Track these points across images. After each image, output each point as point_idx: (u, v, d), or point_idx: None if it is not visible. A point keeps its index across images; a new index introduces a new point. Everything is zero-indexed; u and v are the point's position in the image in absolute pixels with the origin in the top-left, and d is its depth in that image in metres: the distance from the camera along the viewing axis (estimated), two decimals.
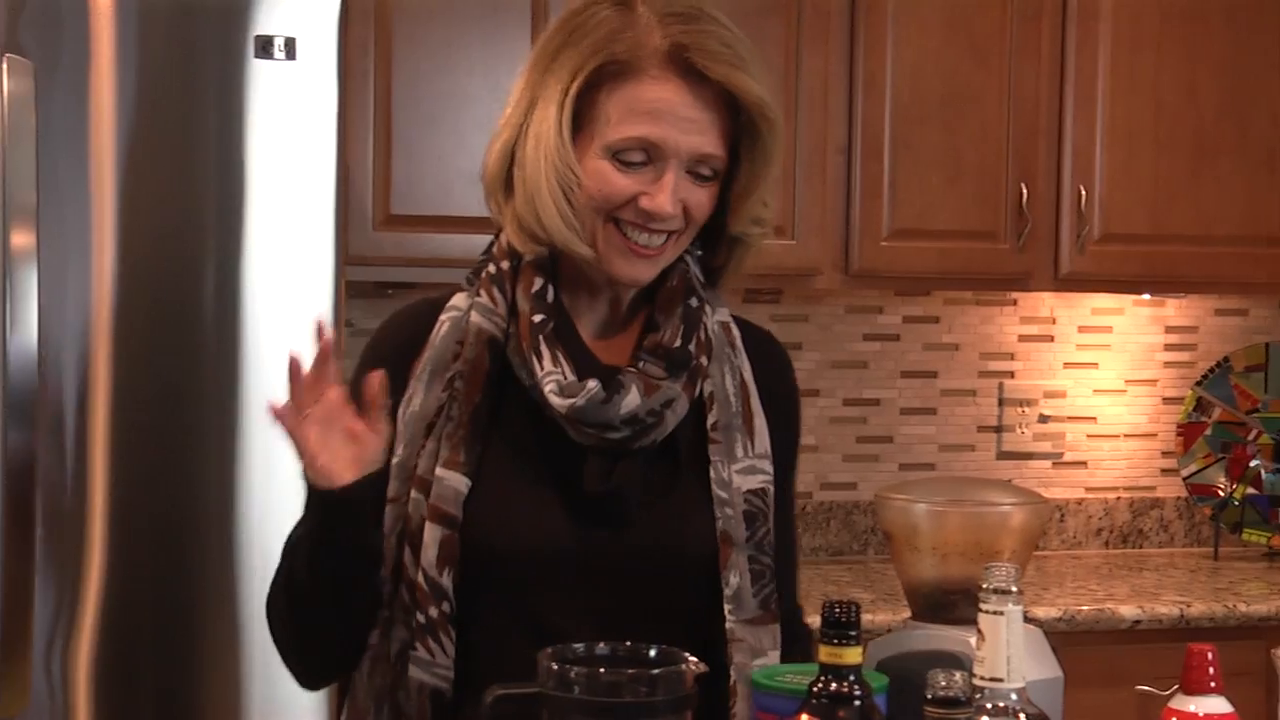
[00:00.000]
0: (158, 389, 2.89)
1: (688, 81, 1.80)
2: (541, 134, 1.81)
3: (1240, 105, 3.92)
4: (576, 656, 1.61)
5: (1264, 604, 3.62)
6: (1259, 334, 4.37)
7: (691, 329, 1.88)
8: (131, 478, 2.87)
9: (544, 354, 1.82)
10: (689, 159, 1.81)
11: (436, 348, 1.87)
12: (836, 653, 1.48)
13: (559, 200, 1.81)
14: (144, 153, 2.86)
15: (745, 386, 1.93)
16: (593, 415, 1.80)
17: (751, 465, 1.90)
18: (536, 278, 1.85)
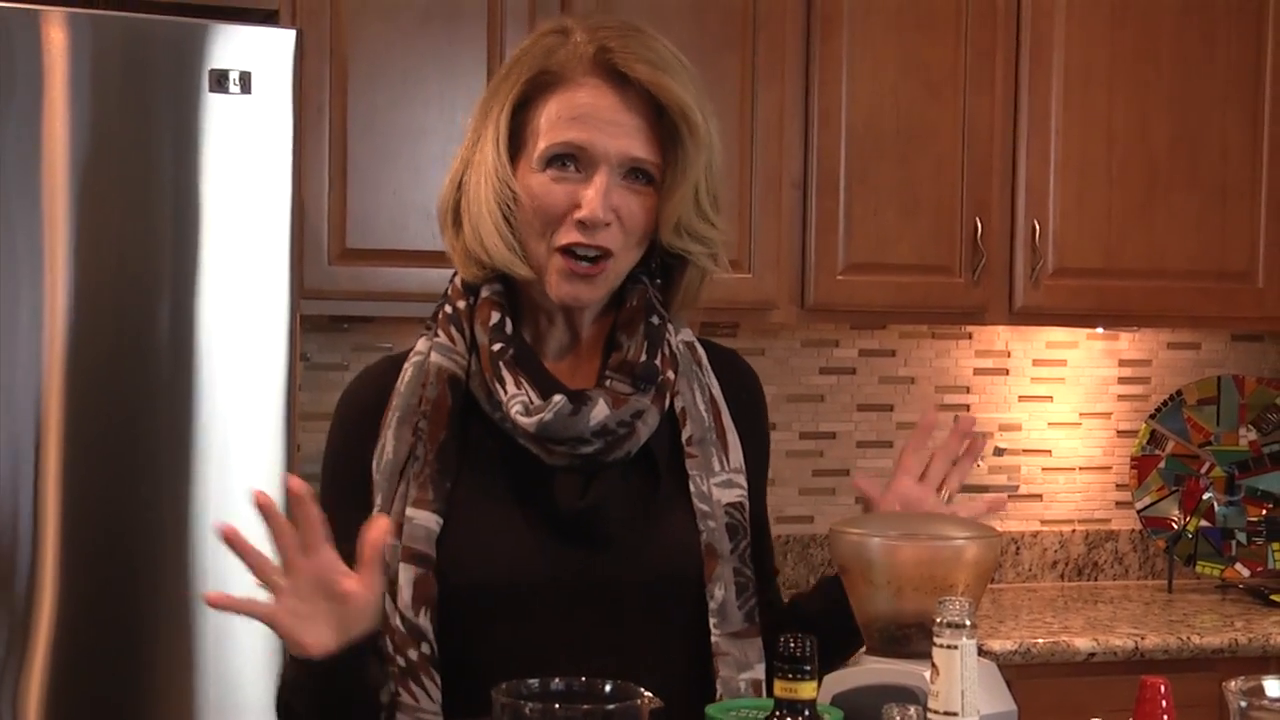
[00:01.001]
0: (111, 422, 2.87)
1: (613, 85, 1.82)
2: (484, 161, 1.83)
3: (1191, 140, 3.95)
4: (531, 692, 1.60)
5: (1217, 636, 3.63)
6: (1211, 367, 4.39)
7: (655, 345, 1.88)
8: (84, 509, 2.85)
9: (506, 379, 1.82)
10: (619, 163, 1.81)
11: (402, 395, 1.87)
12: (792, 687, 1.48)
13: (498, 220, 1.82)
14: (98, 186, 2.85)
15: (715, 403, 1.94)
16: (562, 430, 1.80)
17: (729, 479, 1.92)
18: (493, 312, 1.86)
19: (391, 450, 1.84)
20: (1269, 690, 1.38)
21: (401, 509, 1.82)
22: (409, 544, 1.80)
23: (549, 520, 1.83)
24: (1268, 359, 4.44)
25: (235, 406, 2.92)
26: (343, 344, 3.79)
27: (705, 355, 1.98)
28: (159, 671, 2.90)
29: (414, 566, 1.80)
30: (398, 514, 1.81)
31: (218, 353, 2.91)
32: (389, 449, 1.84)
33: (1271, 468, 4.22)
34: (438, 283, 3.42)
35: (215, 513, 2.89)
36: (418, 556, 1.80)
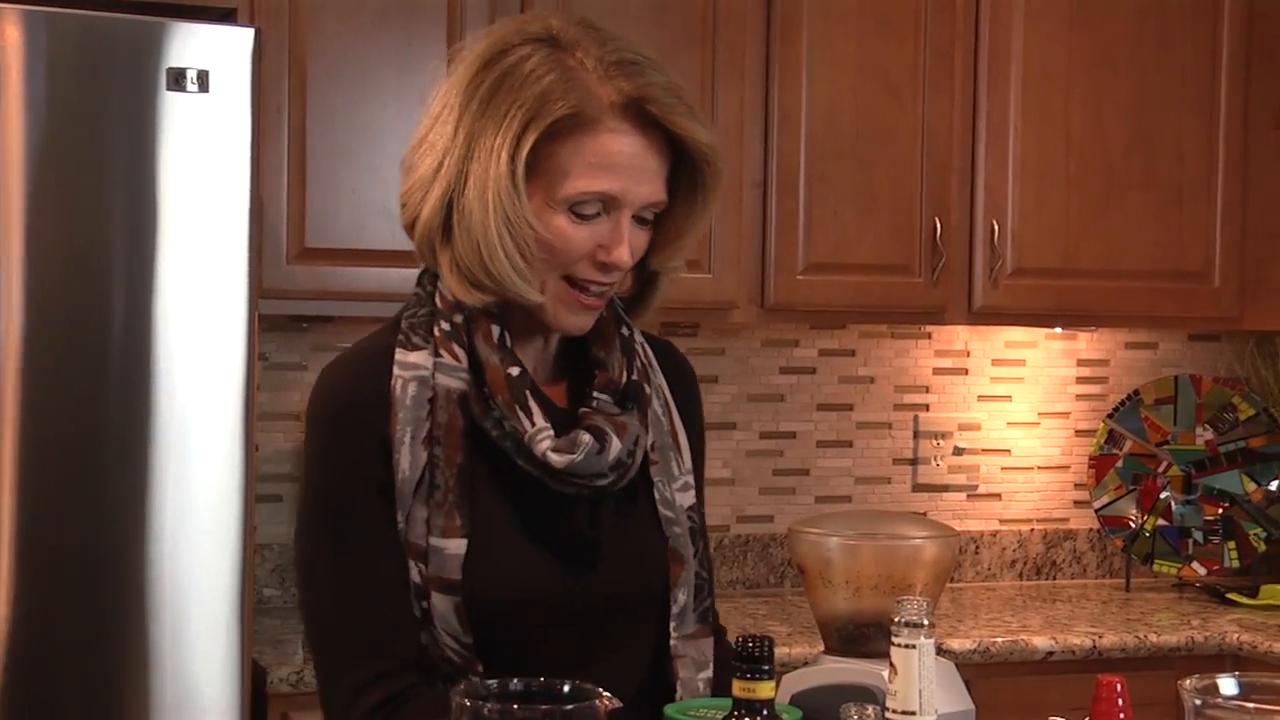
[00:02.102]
0: (68, 423, 2.85)
1: (641, 129, 1.81)
2: (488, 184, 1.78)
3: (1148, 142, 3.97)
4: (490, 692, 1.60)
5: (1174, 634, 3.65)
6: (1168, 367, 4.41)
7: (631, 359, 1.91)
8: (40, 509, 2.83)
9: (532, 410, 1.82)
10: (640, 207, 1.83)
11: (409, 409, 1.83)
12: (750, 687, 1.48)
13: (511, 254, 1.79)
14: (53, 185, 2.83)
15: (669, 405, 1.96)
16: (589, 468, 1.82)
17: (685, 482, 1.94)
18: (492, 325, 1.85)
19: (408, 469, 1.82)
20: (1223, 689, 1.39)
21: (422, 533, 1.80)
22: (443, 574, 1.80)
23: (551, 541, 1.85)
24: (1224, 359, 4.46)
25: (193, 407, 2.90)
26: (301, 344, 3.78)
27: (652, 353, 1.99)
28: (115, 671, 2.88)
29: (448, 596, 1.80)
30: (419, 537, 1.81)
31: (176, 353, 2.89)
32: (405, 467, 1.82)
33: (1228, 467, 4.24)
34: (397, 282, 3.43)
35: (173, 513, 2.87)
36: (451, 585, 1.80)
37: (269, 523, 3.72)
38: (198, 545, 2.90)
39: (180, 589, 2.89)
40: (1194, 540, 4.22)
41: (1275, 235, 4.04)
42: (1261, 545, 4.19)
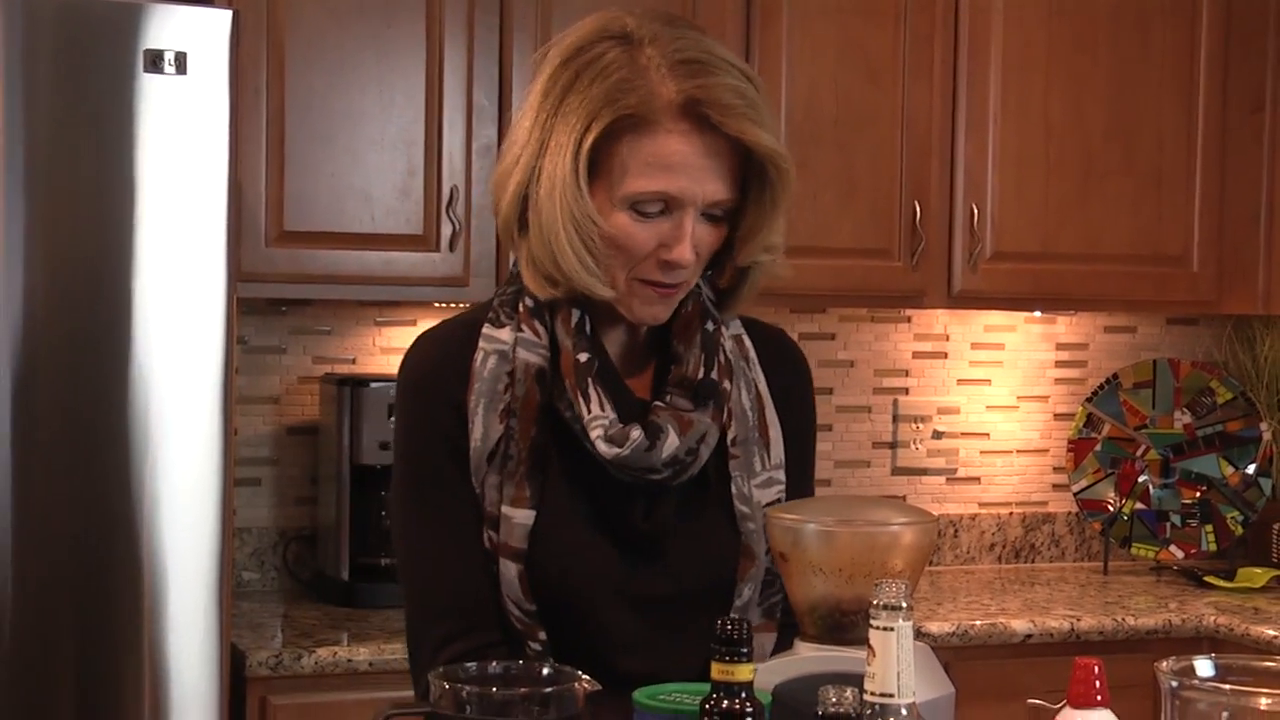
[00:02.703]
0: (48, 406, 2.85)
1: (702, 133, 1.81)
2: (556, 181, 1.81)
3: (1127, 128, 3.97)
4: (469, 675, 1.60)
5: (1151, 617, 3.66)
6: (1147, 351, 4.42)
7: (712, 355, 1.91)
8: (19, 491, 2.83)
9: (592, 398, 1.85)
10: (703, 205, 1.83)
11: (486, 380, 1.87)
12: (728, 670, 1.47)
13: (578, 250, 1.81)
14: (31, 167, 2.82)
15: (760, 399, 1.96)
16: (637, 462, 1.84)
17: (769, 478, 1.94)
18: (573, 310, 1.87)
19: (480, 438, 1.86)
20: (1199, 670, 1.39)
21: (495, 500, 1.85)
22: (510, 541, 1.85)
23: (611, 528, 1.88)
24: (1202, 343, 4.47)
25: (172, 390, 2.90)
26: (280, 327, 3.77)
27: (752, 346, 2.00)
28: (97, 654, 2.88)
29: (515, 563, 1.84)
30: (491, 504, 1.85)
31: (154, 337, 2.89)
32: (478, 435, 1.86)
33: (1205, 451, 4.25)
34: (376, 265, 3.44)
35: (153, 494, 2.87)
36: (518, 553, 1.85)
37: (248, 506, 3.71)
38: (177, 529, 2.90)
39: (160, 573, 2.89)
40: (1172, 524, 4.23)
41: (1253, 220, 4.04)
42: (1239, 529, 4.21)
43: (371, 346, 3.82)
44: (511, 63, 3.50)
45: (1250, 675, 1.39)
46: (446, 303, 3.61)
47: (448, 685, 1.56)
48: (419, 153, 3.45)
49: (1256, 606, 3.80)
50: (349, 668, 3.13)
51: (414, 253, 3.45)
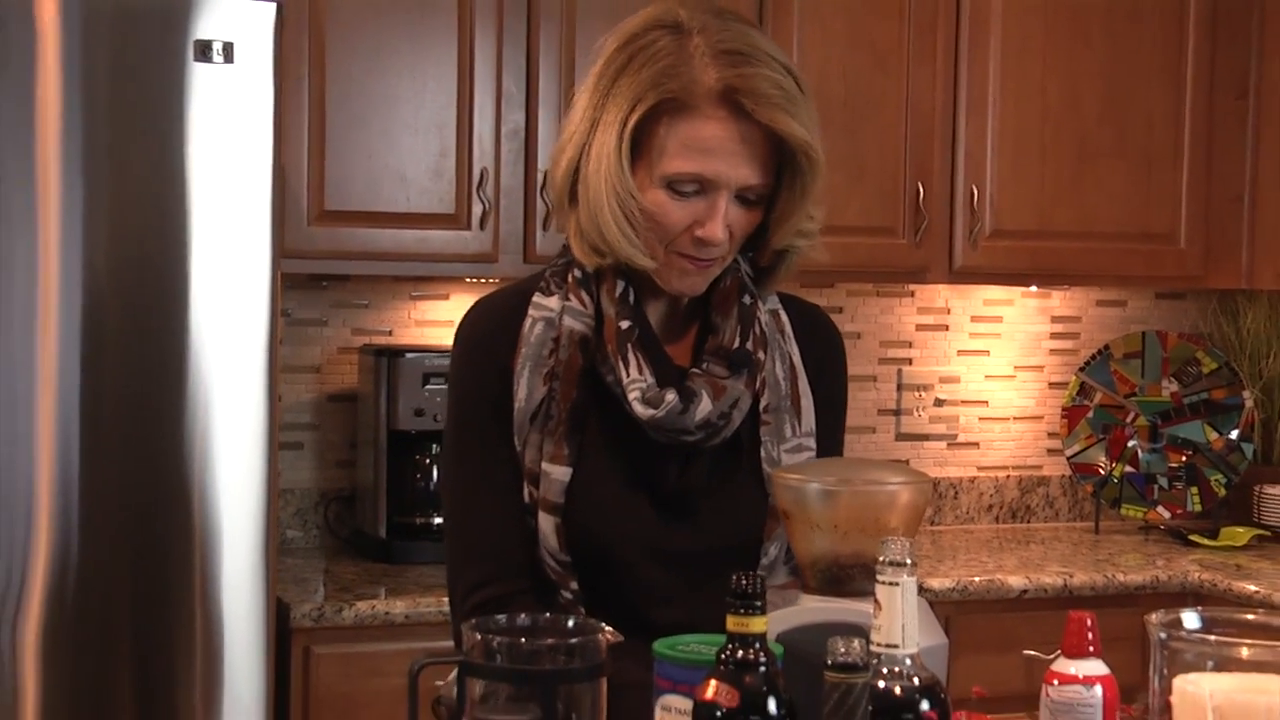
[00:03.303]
0: (104, 375, 2.85)
1: (738, 120, 1.82)
2: (603, 157, 1.83)
3: (1119, 112, 3.96)
4: (499, 627, 1.60)
5: (1140, 574, 3.66)
6: (1136, 323, 4.41)
7: (747, 327, 1.92)
8: (78, 456, 2.84)
9: (630, 362, 1.86)
10: (737, 189, 1.84)
11: (532, 345, 1.90)
12: (743, 622, 1.48)
13: (620, 222, 1.83)
14: (88, 153, 2.82)
15: (794, 370, 1.97)
16: (671, 424, 1.85)
17: (799, 444, 1.95)
18: (618, 281, 1.89)
19: (524, 399, 1.88)
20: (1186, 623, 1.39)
21: (535, 458, 1.88)
22: (548, 496, 1.87)
23: (646, 486, 1.90)
24: (1189, 315, 4.46)
25: (221, 360, 2.91)
26: (321, 301, 3.78)
27: (788, 321, 2.00)
28: (152, 606, 2.89)
29: (552, 516, 1.87)
30: (532, 462, 1.88)
31: (205, 310, 2.89)
32: (521, 396, 1.88)
33: (1191, 417, 4.24)
34: (410, 242, 3.45)
35: (204, 457, 2.88)
36: (555, 507, 1.87)
37: (291, 469, 3.72)
38: (226, 490, 2.91)
39: (211, 531, 2.90)
40: (1159, 486, 4.22)
41: (1237, 200, 4.03)
42: (1222, 490, 4.20)
43: (407, 319, 3.82)
44: (538, 51, 3.49)
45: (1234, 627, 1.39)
46: (477, 278, 3.61)
47: (479, 636, 1.56)
48: (451, 136, 3.45)
49: (1239, 563, 3.80)
50: (386, 620, 3.14)
51: (446, 231, 3.46)
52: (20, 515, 2.80)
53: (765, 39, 1.88)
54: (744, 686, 1.46)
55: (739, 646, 1.48)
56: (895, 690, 1.46)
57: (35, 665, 2.83)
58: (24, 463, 2.80)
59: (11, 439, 2.79)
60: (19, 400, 2.80)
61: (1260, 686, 1.33)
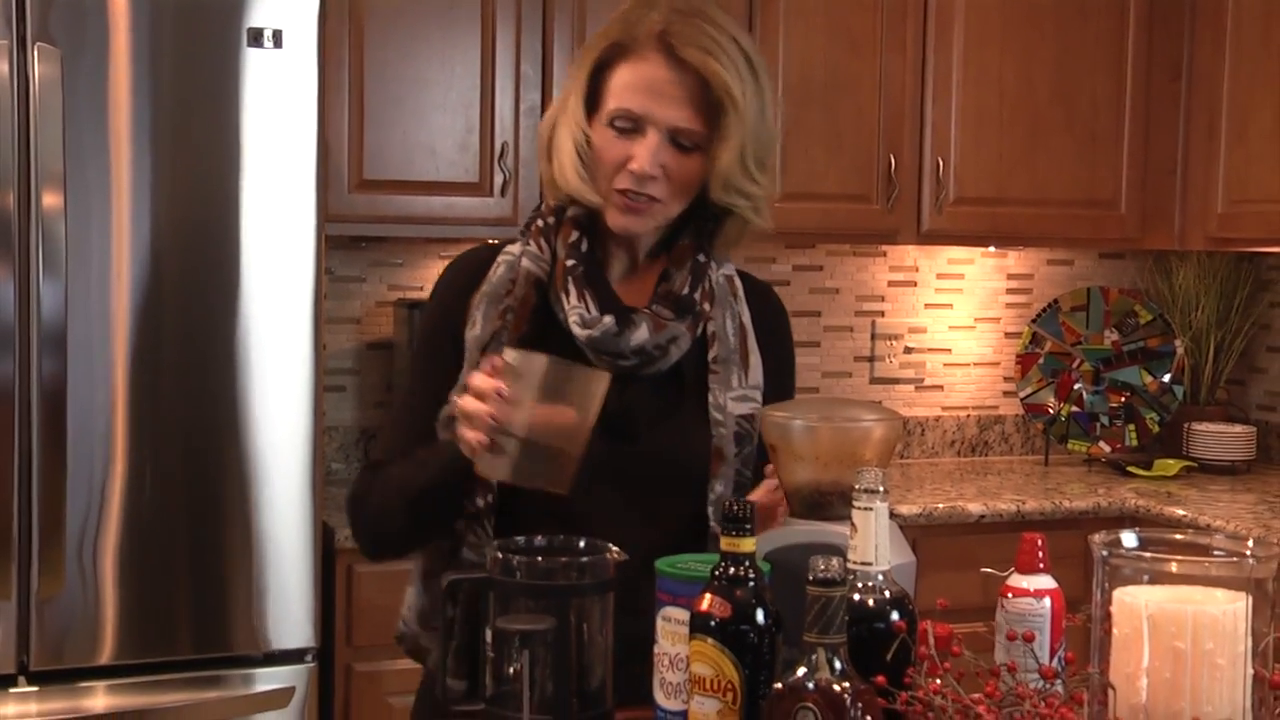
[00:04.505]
0: (169, 325, 2.86)
1: (670, 62, 1.79)
2: (568, 107, 1.84)
3: (1068, 92, 3.95)
4: (518, 548, 1.61)
5: (1083, 501, 3.67)
6: (1082, 280, 4.41)
7: (698, 280, 1.88)
8: (148, 399, 2.84)
9: (571, 292, 1.83)
10: (668, 129, 1.80)
11: (493, 284, 1.87)
12: (734, 543, 1.48)
13: (573, 157, 1.83)
14: (155, 127, 2.82)
15: (744, 330, 1.93)
16: (606, 345, 1.81)
17: (744, 395, 1.90)
18: (574, 231, 1.86)
19: (479, 327, 1.85)
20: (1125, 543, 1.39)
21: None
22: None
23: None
24: (1128, 273, 4.45)
25: (272, 312, 2.91)
26: (360, 260, 3.77)
27: (742, 287, 1.97)
28: (213, 531, 2.90)
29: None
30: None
31: (257, 267, 2.89)
32: (477, 327, 1.85)
33: (1130, 363, 4.24)
34: (439, 208, 3.44)
35: (258, 399, 2.88)
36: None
37: (335, 409, 3.73)
38: (277, 427, 2.91)
39: (263, 464, 2.91)
40: (1101, 424, 4.23)
41: (1171, 171, 4.02)
42: (1156, 427, 4.20)
43: (436, 276, 3.81)
44: (553, 37, 3.47)
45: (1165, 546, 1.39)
46: (498, 240, 3.59)
47: (500, 555, 1.57)
48: (475, 114, 3.44)
49: (1169, 491, 3.81)
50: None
51: (471, 198, 3.45)
52: (98, 453, 2.81)
53: (725, 16, 1.83)
54: (735, 599, 1.46)
55: (731, 564, 1.48)
56: (869, 602, 1.47)
57: (113, 582, 2.84)
58: (101, 405, 2.81)
59: (90, 384, 2.80)
60: (95, 348, 2.80)
61: (1187, 597, 1.33)
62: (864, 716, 1.30)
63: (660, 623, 1.55)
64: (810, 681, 1.32)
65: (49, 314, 2.74)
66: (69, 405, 2.77)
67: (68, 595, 2.80)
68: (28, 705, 2.79)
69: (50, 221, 2.73)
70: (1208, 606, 1.32)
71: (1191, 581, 1.35)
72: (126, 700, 2.84)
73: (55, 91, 2.71)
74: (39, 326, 2.74)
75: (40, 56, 2.71)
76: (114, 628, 2.84)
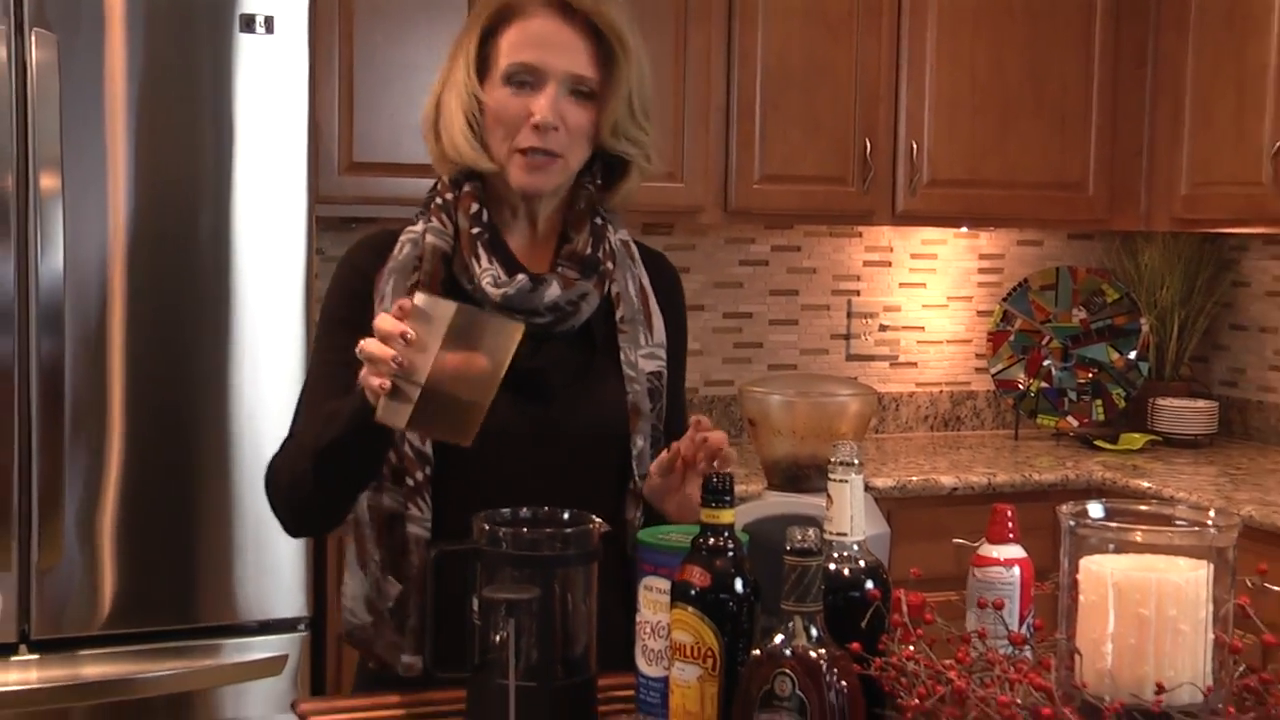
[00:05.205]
0: (163, 304, 2.85)
1: (561, 15, 1.80)
2: (455, 79, 1.83)
3: (1038, 77, 3.94)
4: (504, 519, 1.60)
5: (1052, 473, 3.68)
6: (1051, 260, 4.41)
7: (599, 240, 1.87)
8: (143, 376, 2.84)
9: (480, 257, 1.81)
10: (565, 79, 1.79)
11: (400, 260, 1.83)
12: (715, 514, 1.48)
13: (463, 127, 1.81)
14: (150, 111, 2.80)
15: (644, 291, 1.92)
16: (521, 302, 1.78)
17: (651, 352, 1.89)
18: (473, 203, 1.84)
19: (389, 302, 1.80)
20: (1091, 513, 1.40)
21: None
22: None
23: (509, 376, 1.72)
24: (1095, 253, 4.46)
25: (264, 290, 2.90)
26: (350, 240, 3.71)
27: (638, 252, 1.96)
28: (206, 509, 2.90)
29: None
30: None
31: (249, 247, 2.88)
32: (387, 300, 1.81)
33: (1097, 340, 4.25)
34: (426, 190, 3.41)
35: (248, 373, 2.88)
36: None
37: None
38: (268, 402, 2.91)
39: (253, 436, 2.90)
40: (1069, 399, 4.24)
41: (1137, 154, 4.03)
42: (1122, 402, 4.22)
43: None
44: None
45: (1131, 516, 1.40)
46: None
47: (487, 527, 1.56)
48: None
49: (1135, 464, 3.82)
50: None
51: None
52: (95, 429, 2.81)
53: None
54: (715, 569, 1.46)
55: (711, 535, 1.48)
56: (844, 572, 1.47)
57: (110, 554, 2.84)
58: (98, 382, 2.80)
59: (87, 362, 2.79)
60: (92, 326, 2.79)
61: (1150, 565, 1.34)
62: (839, 682, 1.31)
63: (642, 592, 1.55)
64: (788, 648, 1.32)
65: (47, 293, 2.73)
66: (67, 382, 2.77)
67: (66, 566, 2.80)
68: (29, 672, 2.79)
69: (48, 203, 2.71)
70: (1171, 575, 1.33)
71: (1155, 550, 1.35)
72: (124, 668, 2.85)
73: (52, 76, 2.70)
74: (37, 306, 2.73)
75: (37, 42, 2.70)
76: (111, 598, 2.84)
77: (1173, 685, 1.30)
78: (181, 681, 2.87)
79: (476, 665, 1.55)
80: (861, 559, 1.48)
